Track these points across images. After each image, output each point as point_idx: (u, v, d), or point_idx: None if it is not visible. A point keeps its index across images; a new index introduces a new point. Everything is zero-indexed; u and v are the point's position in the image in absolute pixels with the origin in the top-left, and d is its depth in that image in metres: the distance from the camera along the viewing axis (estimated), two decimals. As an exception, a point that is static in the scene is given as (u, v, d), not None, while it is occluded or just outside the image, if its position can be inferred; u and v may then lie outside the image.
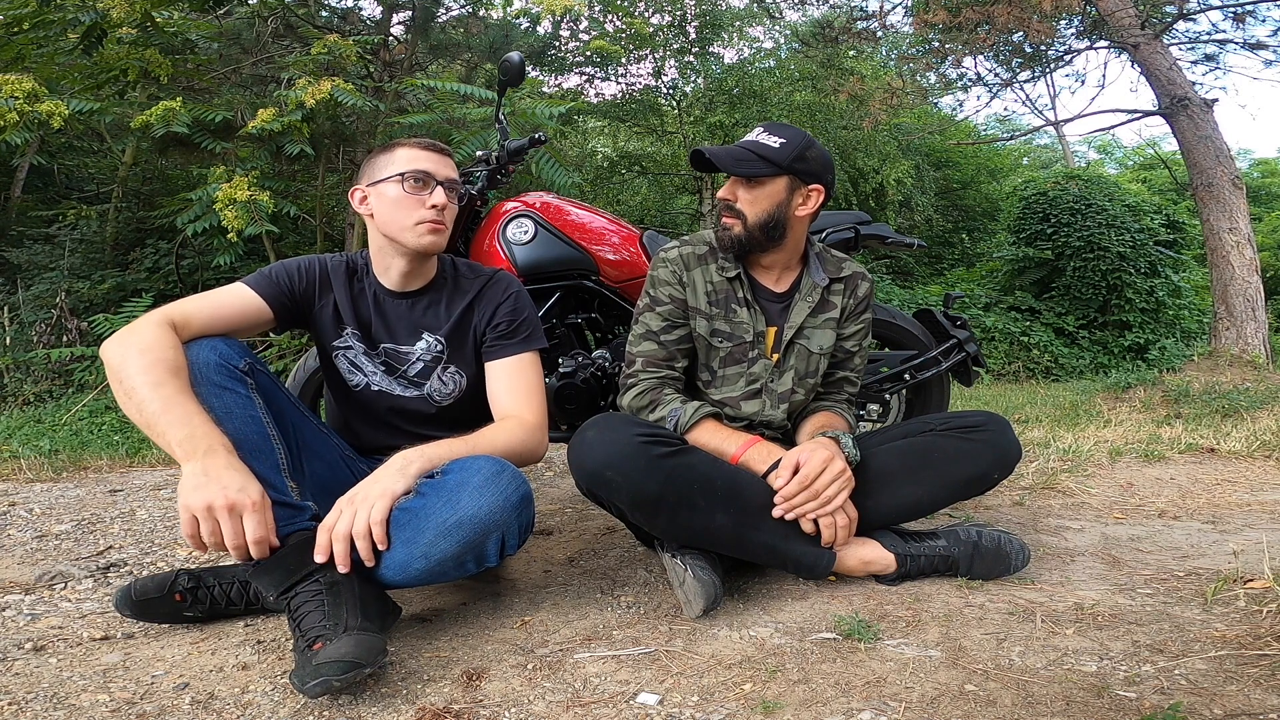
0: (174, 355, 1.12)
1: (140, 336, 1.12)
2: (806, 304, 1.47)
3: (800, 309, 1.47)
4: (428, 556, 1.08)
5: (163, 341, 1.12)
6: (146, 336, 1.12)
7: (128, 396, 1.09)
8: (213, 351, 1.16)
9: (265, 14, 4.96)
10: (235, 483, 1.03)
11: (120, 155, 6.23)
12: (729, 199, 1.42)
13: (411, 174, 1.31)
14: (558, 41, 6.82)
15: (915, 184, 10.95)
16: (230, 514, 1.02)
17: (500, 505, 1.09)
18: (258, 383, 1.20)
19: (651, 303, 1.47)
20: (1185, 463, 2.47)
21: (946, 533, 1.39)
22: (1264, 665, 1.00)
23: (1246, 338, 5.60)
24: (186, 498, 1.02)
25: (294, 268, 1.36)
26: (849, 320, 1.52)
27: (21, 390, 4.48)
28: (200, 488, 1.02)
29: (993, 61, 8.05)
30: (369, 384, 1.40)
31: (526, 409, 1.34)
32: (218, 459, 1.04)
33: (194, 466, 1.03)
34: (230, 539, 1.03)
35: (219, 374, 1.15)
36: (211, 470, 1.03)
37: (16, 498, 2.18)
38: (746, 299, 1.45)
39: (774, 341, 1.47)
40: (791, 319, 1.47)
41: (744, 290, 1.45)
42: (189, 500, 1.01)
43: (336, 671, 0.93)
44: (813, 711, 0.93)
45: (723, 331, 1.45)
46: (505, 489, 1.10)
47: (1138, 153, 20.15)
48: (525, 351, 1.39)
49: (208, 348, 1.16)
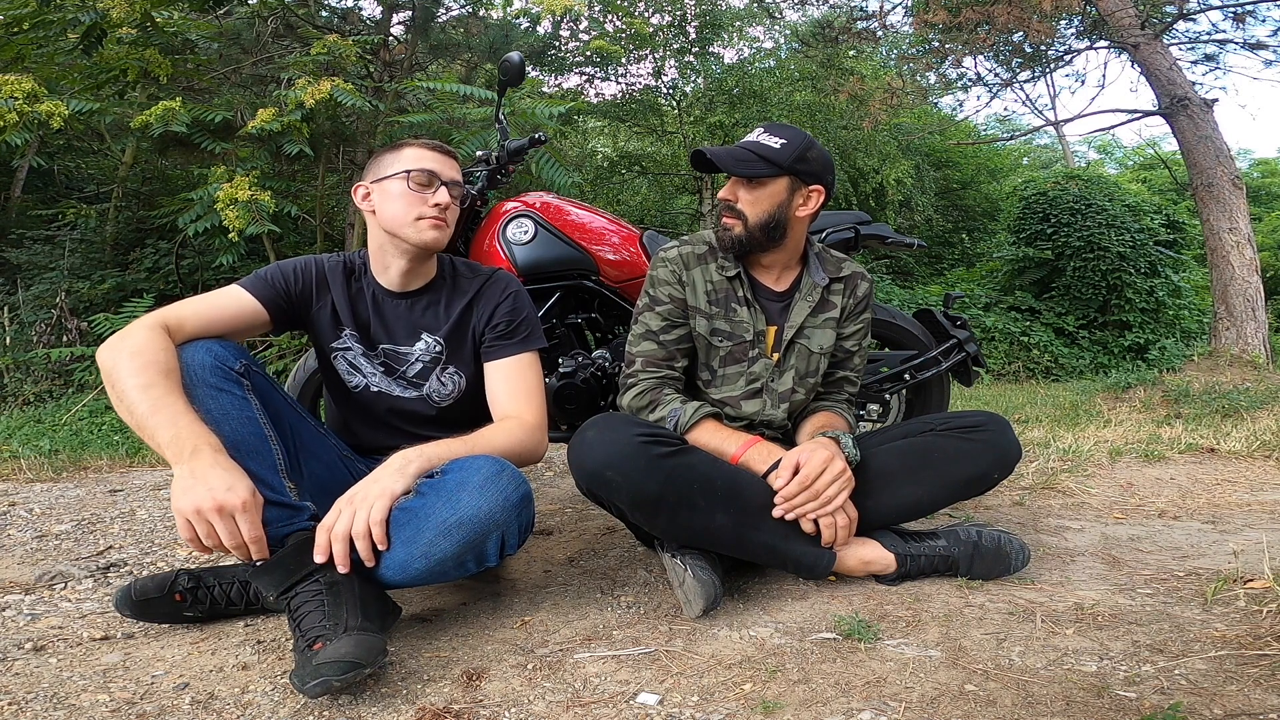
0: (165, 358, 1.11)
1: (132, 340, 1.12)
2: (807, 303, 1.47)
3: (800, 308, 1.47)
4: (428, 556, 1.08)
5: (154, 344, 1.12)
6: (139, 340, 1.12)
7: (119, 399, 1.09)
8: (208, 353, 1.16)
9: (265, 14, 4.96)
10: (222, 482, 1.02)
11: (120, 155, 6.22)
12: (730, 199, 1.42)
13: (417, 172, 1.31)
14: (558, 41, 6.82)
15: (915, 184, 10.95)
16: (221, 515, 1.01)
17: (500, 505, 1.09)
18: (254, 384, 1.20)
19: (651, 302, 1.47)
20: (1185, 463, 2.47)
21: (946, 533, 1.39)
22: (1264, 665, 1.00)
23: (1246, 338, 5.61)
24: (177, 502, 1.01)
25: (290, 270, 1.35)
26: (849, 320, 1.52)
27: (21, 390, 4.48)
28: (188, 490, 1.01)
29: (993, 61, 8.05)
30: (368, 385, 1.40)
31: (526, 409, 1.34)
32: (203, 459, 1.03)
33: (182, 470, 1.03)
34: (227, 539, 1.02)
35: (215, 375, 1.14)
36: (198, 471, 1.02)
37: (16, 498, 2.18)
38: (746, 298, 1.45)
39: (774, 341, 1.47)
40: (792, 318, 1.47)
41: (744, 289, 1.45)
42: (179, 504, 1.01)
43: (336, 672, 0.93)
44: (813, 711, 0.93)
45: (723, 331, 1.45)
46: (505, 489, 1.10)
47: (1138, 153, 20.16)
48: (524, 352, 1.39)
49: (203, 349, 1.16)
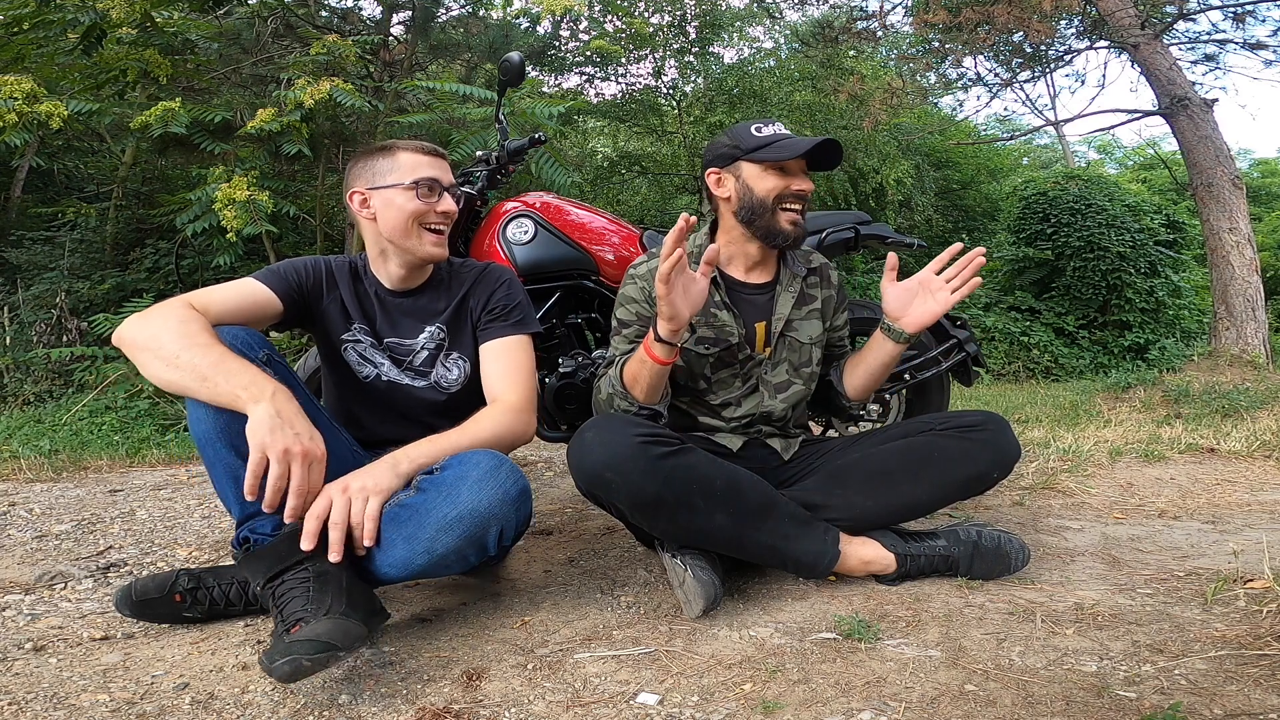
0: (207, 324, 1.14)
1: (172, 313, 1.15)
2: (790, 294, 1.48)
3: (785, 300, 1.47)
4: (430, 552, 1.08)
5: (193, 315, 1.15)
6: (182, 312, 1.15)
7: (170, 361, 1.09)
8: (234, 339, 1.17)
9: (265, 14, 4.96)
10: (307, 430, 1.06)
11: (120, 155, 6.22)
12: (807, 190, 1.43)
13: (423, 182, 1.34)
14: (558, 41, 6.83)
15: (915, 184, 10.94)
16: (303, 461, 1.03)
17: (500, 499, 1.10)
18: (275, 373, 1.20)
19: (619, 325, 1.47)
20: (1185, 463, 2.47)
21: (946, 533, 1.39)
22: (1264, 665, 1.00)
23: (1246, 338, 5.60)
24: (263, 437, 1.02)
25: (301, 265, 1.40)
26: (837, 312, 1.56)
27: (21, 390, 4.47)
28: (277, 430, 1.02)
29: (993, 61, 8.05)
30: (379, 374, 1.42)
31: (512, 390, 1.35)
32: (288, 403, 1.06)
33: (265, 408, 1.03)
34: (298, 485, 1.03)
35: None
36: (285, 414, 1.04)
37: (16, 498, 2.18)
38: (725, 301, 1.45)
39: (765, 335, 1.48)
40: (778, 310, 1.47)
41: (720, 294, 1.45)
42: (266, 440, 1.01)
43: (309, 650, 0.91)
44: (813, 711, 0.93)
45: (707, 338, 1.44)
46: (504, 483, 1.11)
47: (1138, 153, 20.16)
48: (518, 334, 1.42)
49: (229, 335, 1.17)
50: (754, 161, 1.41)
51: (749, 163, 1.41)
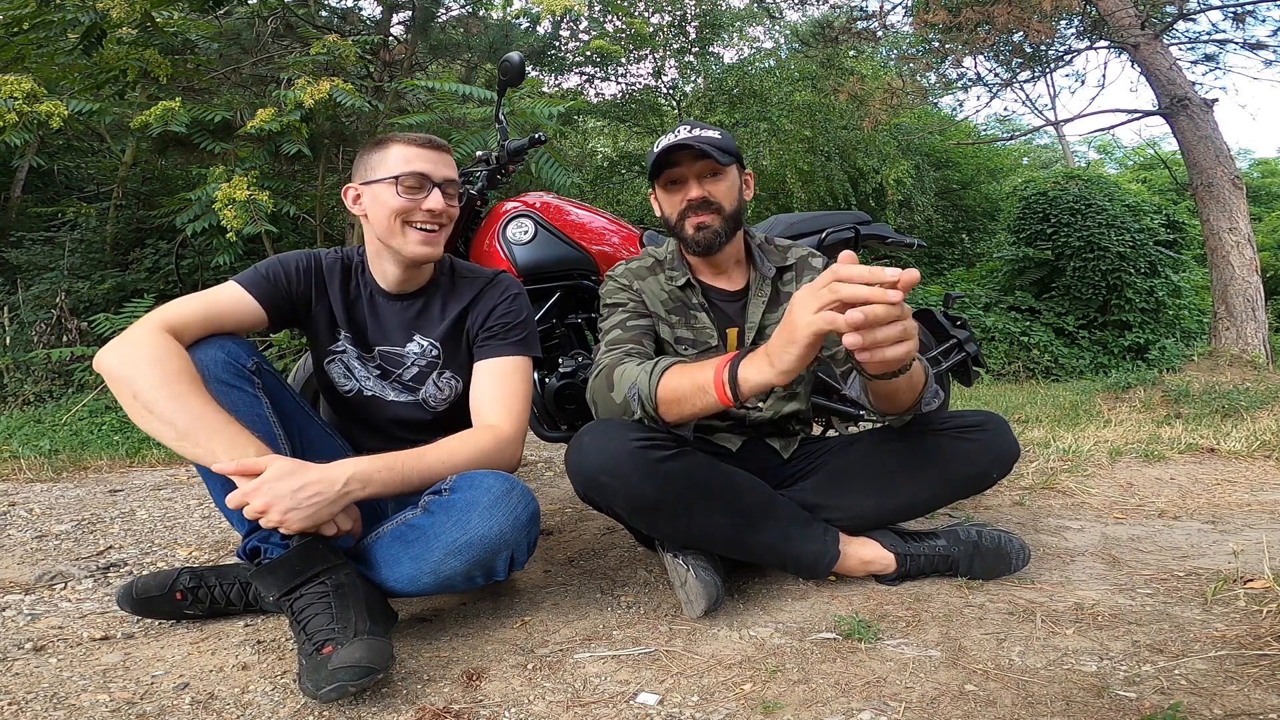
0: (185, 364, 1.09)
1: (146, 348, 1.08)
2: (760, 299, 1.45)
3: (755, 305, 1.45)
4: (437, 574, 1.08)
5: (170, 350, 1.09)
6: (154, 347, 1.08)
7: (147, 411, 1.06)
8: (221, 350, 1.16)
9: (265, 14, 4.96)
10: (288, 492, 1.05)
11: (120, 155, 6.23)
12: (705, 195, 1.37)
13: (406, 176, 1.25)
14: (558, 41, 6.83)
15: (915, 184, 10.94)
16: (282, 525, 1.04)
17: (510, 525, 1.08)
18: (264, 382, 1.20)
19: (611, 308, 1.43)
20: (1185, 463, 2.47)
21: (946, 532, 1.39)
22: (1264, 665, 1.00)
23: (1246, 338, 5.61)
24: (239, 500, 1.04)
25: (291, 267, 1.31)
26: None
27: (21, 390, 4.48)
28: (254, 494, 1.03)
29: (993, 61, 8.06)
30: (360, 389, 1.37)
31: (504, 418, 1.27)
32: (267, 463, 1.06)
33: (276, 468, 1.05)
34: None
35: (226, 372, 1.14)
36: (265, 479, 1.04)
37: (16, 498, 2.18)
38: (702, 304, 1.44)
39: (737, 342, 1.46)
40: (750, 318, 1.45)
41: (698, 296, 1.44)
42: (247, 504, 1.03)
43: (353, 677, 0.93)
44: (813, 711, 0.93)
45: (686, 339, 1.43)
46: (515, 508, 1.09)
47: (1138, 153, 20.16)
48: (516, 355, 1.33)
49: (216, 345, 1.16)
50: (654, 181, 1.42)
51: (657, 182, 1.42)
